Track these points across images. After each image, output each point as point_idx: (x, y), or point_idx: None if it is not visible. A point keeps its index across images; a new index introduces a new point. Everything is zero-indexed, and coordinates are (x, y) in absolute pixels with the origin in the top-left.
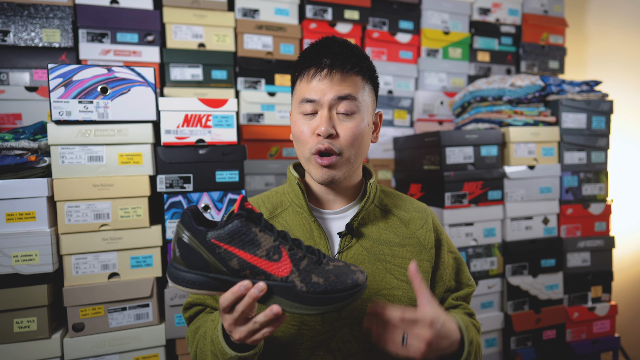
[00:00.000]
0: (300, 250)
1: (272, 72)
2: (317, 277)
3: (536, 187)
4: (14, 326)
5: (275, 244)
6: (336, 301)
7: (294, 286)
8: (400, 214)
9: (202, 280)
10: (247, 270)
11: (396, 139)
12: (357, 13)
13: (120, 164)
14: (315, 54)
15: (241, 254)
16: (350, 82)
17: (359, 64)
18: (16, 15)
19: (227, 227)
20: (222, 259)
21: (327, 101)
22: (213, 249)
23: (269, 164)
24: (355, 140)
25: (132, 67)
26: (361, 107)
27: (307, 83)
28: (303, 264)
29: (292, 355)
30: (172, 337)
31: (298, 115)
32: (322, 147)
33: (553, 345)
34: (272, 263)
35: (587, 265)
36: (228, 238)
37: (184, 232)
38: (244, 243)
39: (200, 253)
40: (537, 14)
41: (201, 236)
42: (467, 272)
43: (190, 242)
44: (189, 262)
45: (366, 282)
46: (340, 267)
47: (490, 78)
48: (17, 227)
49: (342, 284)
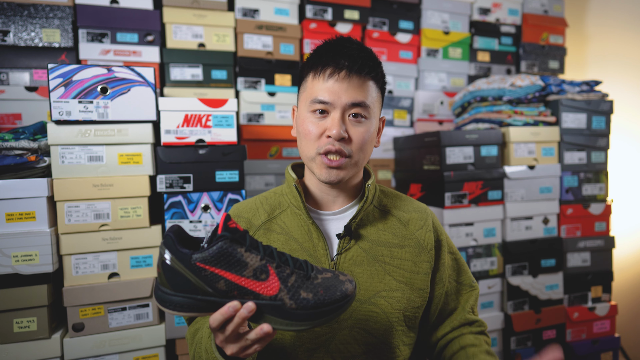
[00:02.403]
0: (287, 267)
1: (272, 72)
2: (306, 292)
3: (536, 187)
4: (14, 326)
5: (262, 263)
6: (326, 315)
7: (283, 304)
8: (399, 214)
9: (190, 303)
10: (235, 291)
11: (396, 139)
12: (357, 13)
13: (120, 164)
14: (333, 54)
15: (228, 276)
16: (365, 88)
17: (375, 69)
18: (16, 15)
19: (212, 250)
20: (208, 282)
21: (342, 105)
22: (199, 272)
23: (269, 164)
24: (365, 145)
25: (132, 67)
26: (371, 113)
27: (322, 82)
28: (291, 281)
29: (291, 357)
30: (172, 337)
31: (307, 113)
32: (333, 149)
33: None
34: (260, 283)
35: (587, 265)
36: (213, 260)
37: (168, 256)
38: (230, 265)
39: (186, 276)
40: (537, 14)
41: (186, 259)
42: (469, 273)
43: (175, 266)
44: (175, 285)
45: (355, 291)
46: (328, 279)
47: (490, 78)
48: (17, 227)
49: (330, 298)
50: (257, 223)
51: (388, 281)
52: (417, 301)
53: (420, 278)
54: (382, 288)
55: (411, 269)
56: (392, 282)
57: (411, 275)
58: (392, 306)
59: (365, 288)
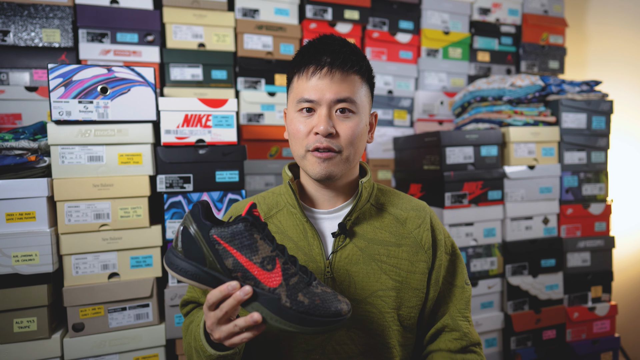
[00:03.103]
0: (293, 267)
1: (272, 72)
2: (303, 296)
3: (536, 187)
4: (14, 326)
5: (272, 254)
6: (316, 325)
7: (279, 299)
8: (396, 212)
9: (195, 272)
10: (239, 273)
11: (396, 139)
12: (357, 13)
13: (120, 164)
14: (314, 52)
15: (238, 256)
16: (349, 83)
17: (359, 63)
18: (16, 15)
19: (231, 227)
20: (219, 256)
21: (327, 101)
22: (213, 245)
23: (269, 164)
24: (355, 139)
25: (132, 67)
26: (359, 107)
27: (306, 81)
28: (293, 281)
29: (287, 358)
30: (172, 337)
31: (295, 113)
32: (322, 146)
33: (553, 345)
34: (265, 272)
35: (587, 265)
36: (229, 237)
37: (191, 223)
38: (243, 246)
39: (200, 245)
40: (537, 14)
41: (205, 229)
42: (463, 274)
43: (194, 233)
44: (187, 252)
45: (349, 314)
46: (328, 293)
47: (490, 78)
48: (17, 227)
49: (325, 310)
50: None
51: (384, 280)
52: (413, 301)
53: (416, 278)
54: (378, 287)
55: (408, 268)
56: (388, 281)
57: (407, 275)
58: (388, 306)
59: (362, 287)
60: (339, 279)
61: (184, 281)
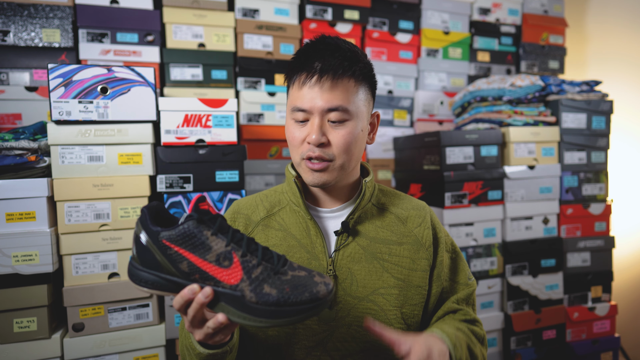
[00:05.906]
0: (254, 258)
1: (272, 72)
2: (270, 287)
3: (536, 187)
4: (14, 326)
5: (227, 249)
6: (289, 315)
7: (243, 296)
8: (397, 211)
9: (155, 281)
10: (197, 275)
11: (396, 139)
12: (357, 13)
13: (120, 164)
14: (305, 58)
15: (191, 257)
16: (341, 89)
17: (351, 67)
18: (16, 15)
19: (179, 229)
20: (172, 261)
21: (319, 110)
22: (165, 250)
23: (269, 164)
24: (348, 147)
25: (132, 67)
26: (354, 113)
27: (298, 89)
28: (256, 273)
29: (287, 355)
30: (172, 337)
31: (290, 120)
32: (313, 155)
33: (553, 345)
34: (222, 269)
35: (587, 265)
36: (179, 240)
37: (140, 231)
38: (194, 246)
39: (153, 253)
40: (537, 14)
41: (154, 236)
42: (465, 271)
43: (145, 242)
44: (143, 261)
45: (330, 295)
46: (300, 277)
47: (490, 78)
48: (17, 227)
49: (296, 297)
50: (255, 219)
51: (386, 278)
52: (415, 298)
53: (418, 275)
54: (380, 285)
55: (409, 266)
56: (390, 279)
57: (409, 273)
58: (390, 303)
59: (364, 285)
60: (342, 276)
61: (147, 292)
